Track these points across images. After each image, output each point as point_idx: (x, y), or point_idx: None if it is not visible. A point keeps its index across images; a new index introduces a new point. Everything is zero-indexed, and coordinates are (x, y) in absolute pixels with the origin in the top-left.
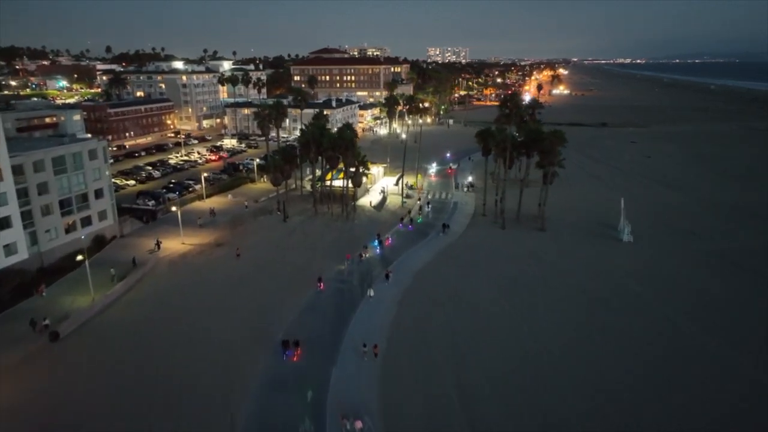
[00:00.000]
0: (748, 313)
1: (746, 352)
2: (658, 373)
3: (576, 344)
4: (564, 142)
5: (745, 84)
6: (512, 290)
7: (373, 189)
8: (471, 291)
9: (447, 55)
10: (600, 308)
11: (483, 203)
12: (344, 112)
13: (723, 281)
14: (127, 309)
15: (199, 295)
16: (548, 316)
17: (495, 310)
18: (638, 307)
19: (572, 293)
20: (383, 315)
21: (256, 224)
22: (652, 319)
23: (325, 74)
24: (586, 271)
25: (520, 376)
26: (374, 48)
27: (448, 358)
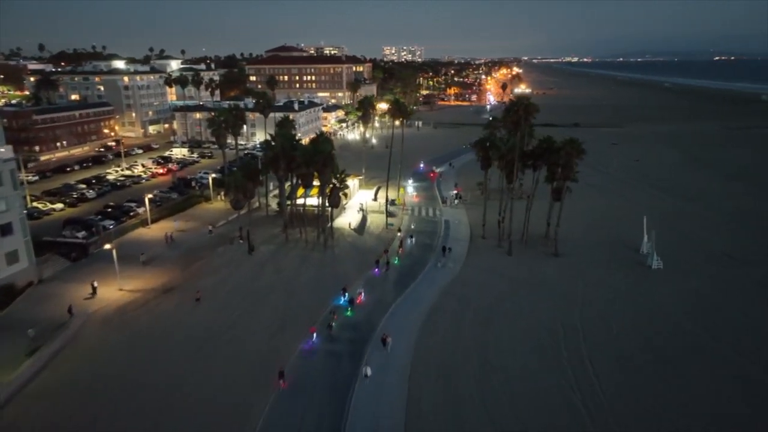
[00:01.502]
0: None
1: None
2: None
3: (650, 416)
4: (582, 153)
5: (696, 82)
6: (548, 349)
7: (349, 206)
8: (496, 354)
9: (403, 54)
10: (665, 366)
11: (482, 224)
12: (308, 116)
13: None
14: (34, 404)
15: (138, 377)
16: (604, 381)
17: (537, 380)
18: (712, 360)
19: (623, 345)
20: (390, 403)
21: (215, 258)
22: (732, 377)
23: (284, 74)
24: (629, 313)
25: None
26: (332, 47)
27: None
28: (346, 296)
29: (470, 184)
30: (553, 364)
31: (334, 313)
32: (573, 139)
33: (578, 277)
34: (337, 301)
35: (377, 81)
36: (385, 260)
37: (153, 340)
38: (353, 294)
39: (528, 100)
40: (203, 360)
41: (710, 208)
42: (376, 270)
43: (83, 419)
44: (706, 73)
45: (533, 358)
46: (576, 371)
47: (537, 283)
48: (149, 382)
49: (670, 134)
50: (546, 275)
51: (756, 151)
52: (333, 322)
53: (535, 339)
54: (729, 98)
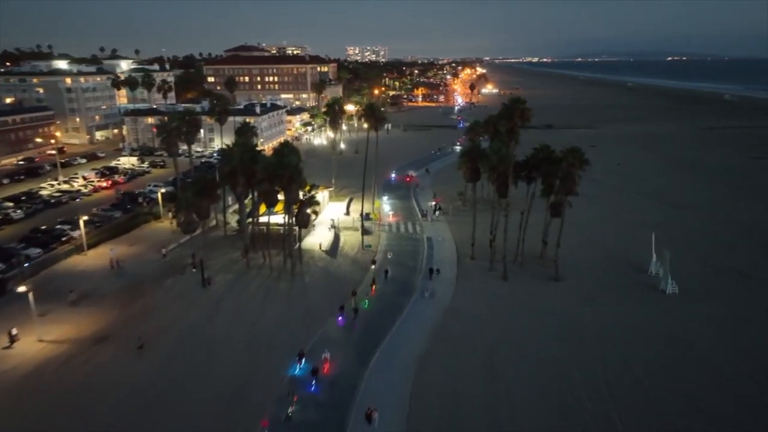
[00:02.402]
0: None
1: None
2: None
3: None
4: (586, 164)
5: (656, 81)
6: (568, 403)
7: (319, 222)
8: (510, 418)
9: (366, 54)
10: (713, 422)
11: (471, 242)
12: (271, 120)
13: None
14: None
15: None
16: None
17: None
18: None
19: (653, 392)
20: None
21: (163, 293)
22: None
23: (244, 75)
24: (651, 350)
25: None
26: (294, 47)
27: None
28: (303, 364)
29: (450, 192)
30: (578, 426)
31: (292, 392)
32: (575, 148)
33: (586, 306)
34: (292, 370)
35: (343, 82)
36: (353, 306)
37: (77, 409)
38: (316, 359)
39: (524, 104)
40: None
41: (705, 217)
42: (340, 318)
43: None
44: (663, 72)
45: (553, 417)
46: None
47: (541, 315)
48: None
49: (643, 135)
50: (549, 305)
51: (735, 153)
52: (291, 409)
53: (551, 390)
54: (692, 98)
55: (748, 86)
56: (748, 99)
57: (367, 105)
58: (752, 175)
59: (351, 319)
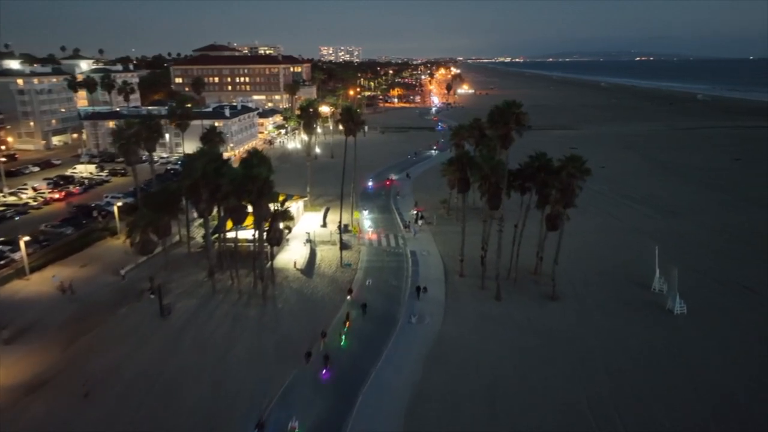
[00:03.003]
0: None
1: None
2: None
3: None
4: (588, 174)
5: (628, 81)
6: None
7: (293, 235)
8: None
9: (340, 54)
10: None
11: (460, 258)
12: (241, 123)
13: None
14: None
15: None
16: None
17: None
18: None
19: (675, 426)
20: None
21: (115, 326)
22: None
23: (214, 76)
24: (667, 382)
25: None
26: (267, 47)
27: None
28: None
29: (432, 200)
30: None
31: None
32: (575, 156)
33: (589, 329)
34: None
35: (317, 82)
36: (323, 352)
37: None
38: (280, 425)
39: (519, 108)
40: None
41: (700, 224)
42: (323, 370)
43: None
44: (633, 72)
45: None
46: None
47: (541, 340)
48: None
49: (623, 136)
50: (549, 328)
51: (716, 154)
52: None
53: (560, 428)
54: (665, 97)
55: (715, 86)
56: (719, 99)
57: (344, 108)
58: (738, 178)
59: (320, 366)
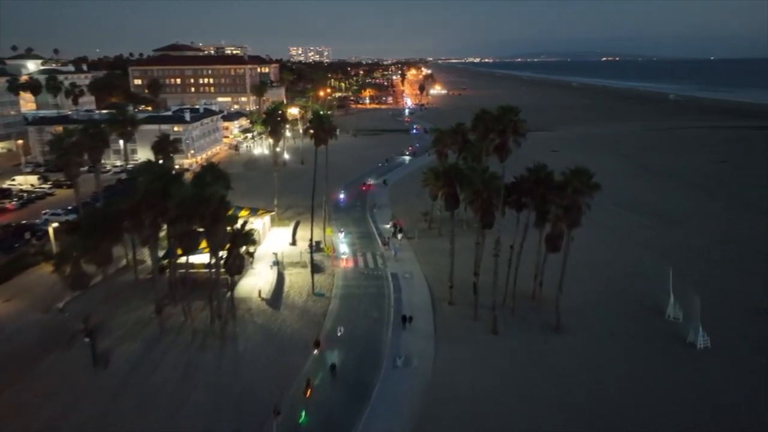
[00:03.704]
0: None
1: None
2: None
3: None
4: (596, 190)
5: (597, 81)
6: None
7: (259, 256)
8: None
9: (310, 54)
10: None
11: (450, 284)
12: (203, 127)
13: None
14: None
15: None
16: None
17: None
18: None
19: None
20: None
21: (40, 379)
22: None
23: (176, 77)
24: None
25: None
26: (233, 47)
27: None
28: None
29: (412, 210)
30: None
31: None
32: (582, 169)
33: (603, 369)
34: None
35: (286, 83)
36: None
37: None
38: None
39: (517, 114)
40: None
41: (702, 235)
42: None
43: None
44: (601, 72)
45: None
46: None
47: (549, 382)
48: None
49: (602, 137)
50: (557, 367)
51: (698, 156)
52: None
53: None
54: (638, 97)
55: (682, 86)
56: (690, 99)
57: (314, 115)
58: (728, 181)
59: None
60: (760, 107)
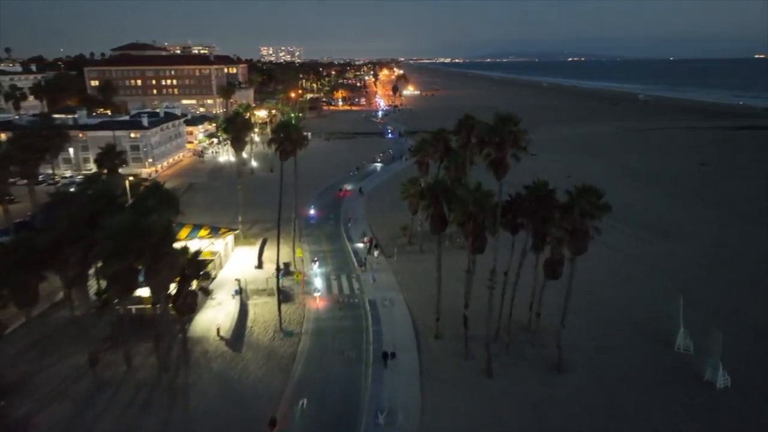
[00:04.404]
0: None
1: None
2: None
3: None
4: (606, 212)
5: (567, 81)
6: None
7: (219, 282)
8: None
9: (281, 54)
10: None
11: (436, 317)
12: (164, 133)
13: None
14: None
15: None
16: None
17: None
18: None
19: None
20: None
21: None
22: None
23: (136, 78)
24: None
25: None
26: (201, 46)
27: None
28: None
29: (391, 223)
30: None
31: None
32: (590, 188)
33: (617, 417)
34: None
35: (255, 85)
36: None
37: None
38: None
39: (516, 125)
40: None
41: (699, 250)
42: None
43: None
44: (568, 72)
45: None
46: None
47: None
48: None
49: (578, 139)
50: (564, 417)
51: (678, 158)
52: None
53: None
54: (608, 97)
55: (649, 86)
56: (660, 99)
57: (280, 125)
58: (714, 186)
59: None
60: (724, 107)
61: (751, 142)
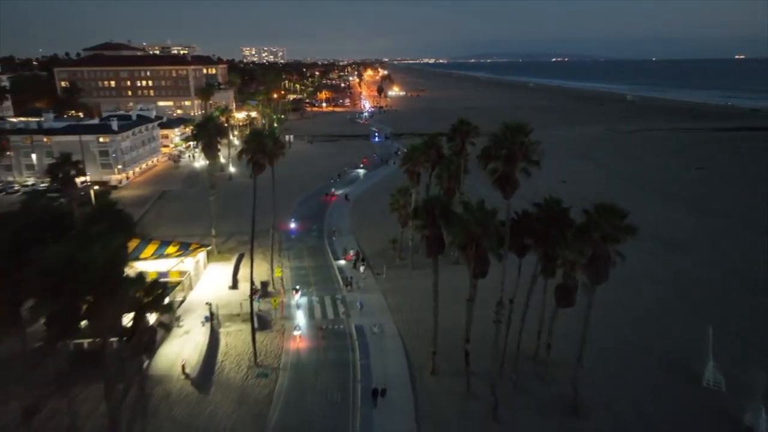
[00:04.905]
0: None
1: None
2: None
3: None
4: (631, 234)
5: (553, 81)
6: None
7: (188, 307)
8: None
9: (264, 54)
10: None
11: (432, 350)
12: (135, 137)
13: None
14: None
15: None
16: None
17: None
18: None
19: None
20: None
21: None
22: None
23: (110, 79)
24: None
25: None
26: (181, 46)
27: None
28: None
29: (378, 235)
30: None
31: None
32: (610, 206)
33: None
34: None
35: (235, 86)
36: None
37: None
38: None
39: (527, 135)
40: None
41: (713, 264)
42: None
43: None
44: (553, 72)
45: None
46: None
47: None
48: None
49: (569, 141)
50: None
51: (673, 162)
52: None
53: None
54: (594, 98)
55: (634, 86)
56: (647, 99)
57: (252, 134)
58: (715, 192)
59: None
60: (711, 107)
61: (743, 144)
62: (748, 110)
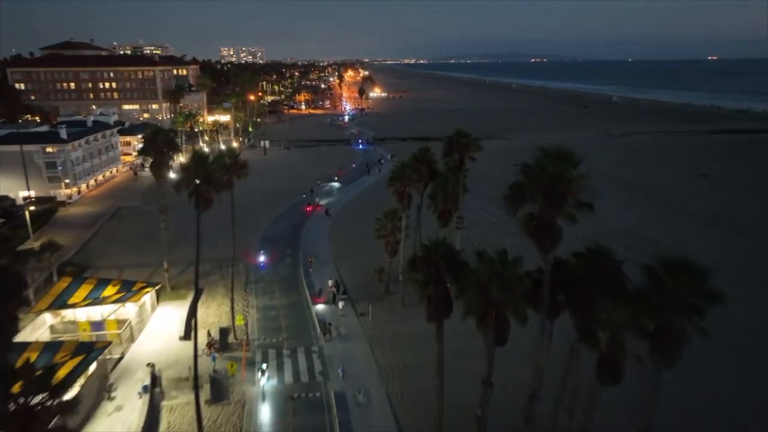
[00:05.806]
0: None
1: None
2: None
3: None
4: (720, 301)
5: (535, 82)
6: None
7: (124, 368)
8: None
9: (242, 55)
10: None
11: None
12: (90, 146)
13: None
14: None
15: None
16: None
17: None
18: None
19: None
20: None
21: None
22: None
23: (69, 80)
24: None
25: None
26: (153, 46)
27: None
28: None
29: (362, 263)
30: None
31: None
32: (684, 261)
33: None
34: None
35: (206, 88)
36: None
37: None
38: None
39: (575, 166)
40: None
41: (744, 298)
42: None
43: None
44: (533, 73)
45: None
46: None
47: None
48: None
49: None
50: None
51: (675, 169)
52: None
53: None
54: (579, 99)
55: (617, 86)
56: (631, 100)
57: (194, 158)
58: (728, 205)
59: None
60: (698, 108)
61: (740, 147)
62: (735, 111)
